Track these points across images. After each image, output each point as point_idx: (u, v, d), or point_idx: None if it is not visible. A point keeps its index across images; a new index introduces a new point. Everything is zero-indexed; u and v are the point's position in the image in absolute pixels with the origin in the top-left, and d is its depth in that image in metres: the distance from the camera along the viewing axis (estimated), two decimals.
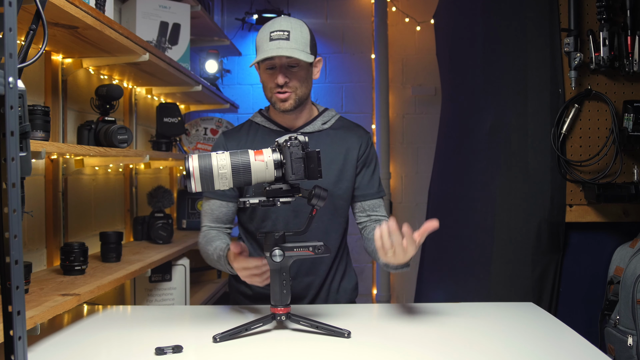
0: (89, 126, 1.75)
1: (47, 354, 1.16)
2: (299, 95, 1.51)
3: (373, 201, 1.60)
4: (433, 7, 3.24)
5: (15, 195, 0.79)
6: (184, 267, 2.31)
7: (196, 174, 1.16)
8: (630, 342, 1.76)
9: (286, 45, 1.44)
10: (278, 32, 1.46)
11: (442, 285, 2.73)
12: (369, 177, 1.60)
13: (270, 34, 1.46)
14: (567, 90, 2.02)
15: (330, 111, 1.66)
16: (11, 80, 0.79)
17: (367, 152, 1.61)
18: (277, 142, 1.23)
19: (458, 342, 1.24)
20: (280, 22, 1.49)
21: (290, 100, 1.50)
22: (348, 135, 1.60)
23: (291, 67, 1.48)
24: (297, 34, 1.47)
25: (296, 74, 1.49)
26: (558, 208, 2.03)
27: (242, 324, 1.25)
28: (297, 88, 1.50)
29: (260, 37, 1.49)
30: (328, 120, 1.62)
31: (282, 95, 1.49)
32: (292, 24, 1.48)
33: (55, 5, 1.28)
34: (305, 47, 1.48)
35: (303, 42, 1.47)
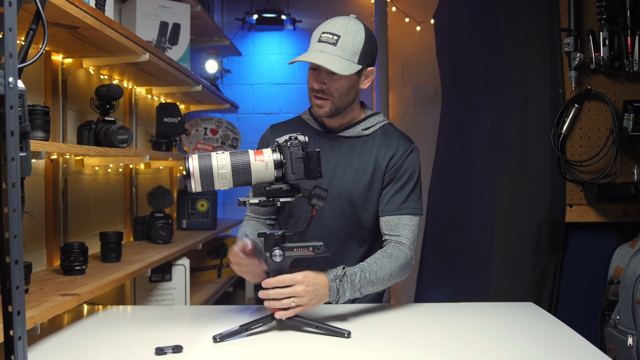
0: (89, 126, 1.75)
1: (47, 354, 1.16)
2: (336, 105, 1.43)
3: (391, 218, 1.47)
4: (433, 7, 3.24)
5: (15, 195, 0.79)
6: (184, 267, 2.31)
7: (196, 174, 1.15)
8: (630, 342, 1.76)
9: (330, 51, 1.37)
10: (327, 35, 1.39)
11: (442, 285, 2.73)
12: (394, 191, 1.48)
13: (321, 34, 1.40)
14: (567, 90, 2.02)
15: (377, 117, 1.56)
16: (11, 80, 0.79)
17: (398, 164, 1.49)
18: (277, 142, 1.23)
19: (458, 342, 1.24)
20: (336, 23, 1.41)
21: (325, 108, 1.44)
22: (384, 144, 1.50)
23: (332, 74, 1.40)
24: (347, 40, 1.39)
25: (336, 82, 1.41)
26: (558, 208, 2.03)
27: (242, 324, 1.25)
28: (334, 97, 1.42)
29: (313, 35, 1.43)
30: (371, 126, 1.53)
31: (319, 101, 1.44)
32: (347, 27, 1.40)
33: (55, 5, 1.28)
34: (353, 56, 1.39)
35: (352, 50, 1.39)
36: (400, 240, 1.45)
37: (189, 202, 2.75)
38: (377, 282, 1.37)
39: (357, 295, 1.35)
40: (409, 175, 1.49)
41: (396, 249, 1.43)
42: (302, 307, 1.26)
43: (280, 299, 1.24)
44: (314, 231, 1.49)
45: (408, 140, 1.54)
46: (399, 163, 1.49)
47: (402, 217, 1.47)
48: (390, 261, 1.40)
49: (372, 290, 1.37)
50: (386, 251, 1.43)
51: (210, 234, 2.64)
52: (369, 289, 1.36)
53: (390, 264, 1.39)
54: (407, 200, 1.48)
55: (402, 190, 1.48)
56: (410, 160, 1.50)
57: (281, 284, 1.24)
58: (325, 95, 1.43)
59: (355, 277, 1.33)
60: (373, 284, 1.36)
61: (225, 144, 3.01)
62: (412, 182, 1.50)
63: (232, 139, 3.04)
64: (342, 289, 1.31)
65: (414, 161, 1.51)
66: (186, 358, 1.12)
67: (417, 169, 1.51)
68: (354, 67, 1.39)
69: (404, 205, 1.47)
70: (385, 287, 1.41)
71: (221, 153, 1.19)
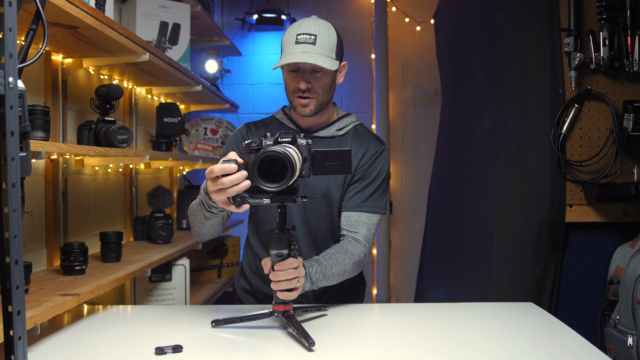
0: (89, 126, 1.75)
1: (47, 354, 1.16)
2: (320, 102, 1.48)
3: (351, 214, 1.51)
4: (433, 7, 3.24)
5: (15, 195, 0.79)
6: (184, 267, 2.31)
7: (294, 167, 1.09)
8: (630, 342, 1.76)
9: (311, 50, 1.40)
10: (304, 36, 1.42)
11: (442, 285, 2.73)
12: (358, 189, 1.52)
13: (296, 37, 1.42)
14: (567, 90, 2.02)
15: (349, 117, 1.60)
16: (11, 80, 0.79)
17: (367, 164, 1.53)
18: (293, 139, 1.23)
19: (458, 342, 1.24)
20: (308, 24, 1.44)
21: (310, 106, 1.47)
22: (355, 144, 1.54)
23: (315, 73, 1.44)
24: (323, 38, 1.42)
25: (320, 79, 1.45)
26: (558, 208, 2.03)
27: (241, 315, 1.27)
28: (319, 94, 1.47)
29: (286, 38, 1.45)
30: (344, 126, 1.57)
31: (304, 100, 1.46)
32: (319, 27, 1.44)
33: (55, 5, 1.28)
34: (331, 53, 1.44)
35: (329, 47, 1.43)
36: (357, 237, 1.49)
37: (189, 202, 2.75)
38: (332, 277, 1.40)
39: (313, 288, 1.37)
40: (376, 175, 1.53)
41: (351, 246, 1.47)
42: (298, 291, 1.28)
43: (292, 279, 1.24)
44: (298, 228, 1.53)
45: (379, 142, 1.58)
46: (368, 163, 1.53)
47: (362, 215, 1.50)
48: (345, 257, 1.43)
49: (326, 284, 1.40)
50: (342, 247, 1.46)
51: None
52: (323, 283, 1.39)
53: (345, 260, 1.43)
54: (370, 198, 1.51)
55: (367, 188, 1.51)
56: (379, 161, 1.54)
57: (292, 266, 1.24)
58: (311, 94, 1.46)
59: (312, 270, 1.35)
60: (328, 278, 1.39)
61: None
62: (378, 181, 1.53)
63: None
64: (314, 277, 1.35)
65: (383, 162, 1.55)
66: (186, 358, 1.12)
67: (385, 170, 1.55)
68: (335, 63, 1.44)
69: (365, 203, 1.51)
70: (338, 282, 1.43)
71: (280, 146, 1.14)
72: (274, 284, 1.24)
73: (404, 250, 3.80)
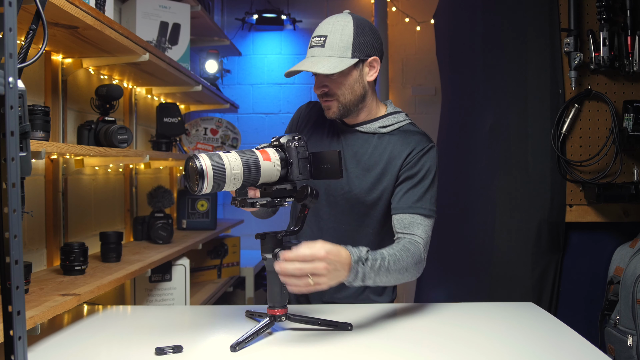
0: (89, 126, 1.75)
1: (47, 354, 1.16)
2: (343, 103, 1.43)
3: (404, 216, 1.42)
4: (433, 7, 3.24)
5: (15, 195, 0.79)
6: (184, 267, 2.31)
7: (209, 173, 1.08)
8: (630, 342, 1.76)
9: (319, 54, 1.38)
10: (316, 39, 1.40)
11: (442, 285, 2.73)
12: (407, 188, 1.43)
13: (312, 40, 1.42)
14: (567, 90, 2.02)
15: (398, 115, 1.52)
16: (11, 80, 0.79)
17: (413, 161, 1.44)
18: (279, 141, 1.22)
19: (458, 342, 1.24)
20: (324, 24, 1.42)
21: (333, 109, 1.43)
22: (401, 142, 1.46)
23: (330, 75, 1.40)
24: (334, 38, 1.39)
25: (335, 81, 1.41)
26: (558, 208, 2.03)
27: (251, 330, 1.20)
28: (338, 95, 1.42)
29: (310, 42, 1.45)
30: (390, 124, 1.49)
31: (325, 103, 1.44)
32: (333, 26, 1.40)
33: (55, 5, 1.28)
34: (344, 52, 1.38)
35: (341, 47, 1.38)
36: (415, 239, 1.40)
37: (189, 202, 2.75)
38: (394, 272, 1.30)
39: (371, 283, 1.27)
40: (424, 173, 1.44)
41: (412, 245, 1.38)
42: (319, 286, 1.14)
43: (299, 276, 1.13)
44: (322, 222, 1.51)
45: (427, 139, 1.49)
46: (414, 160, 1.44)
47: (416, 217, 1.42)
48: (407, 255, 1.34)
49: (386, 280, 1.30)
50: (404, 245, 1.37)
51: (210, 234, 2.64)
52: (383, 279, 1.29)
53: (407, 258, 1.33)
54: (422, 199, 1.43)
55: (416, 188, 1.43)
56: (426, 158, 1.45)
57: (301, 259, 1.13)
58: (329, 97, 1.43)
59: (376, 263, 1.25)
60: (389, 273, 1.29)
61: (225, 144, 3.01)
62: (427, 180, 1.44)
63: (232, 139, 3.04)
64: (363, 273, 1.23)
65: (431, 160, 1.46)
66: (186, 358, 1.12)
67: (433, 168, 1.46)
68: (345, 63, 1.38)
69: (418, 204, 1.42)
70: (398, 281, 1.35)
71: (228, 153, 1.14)
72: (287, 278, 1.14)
73: None
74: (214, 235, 2.72)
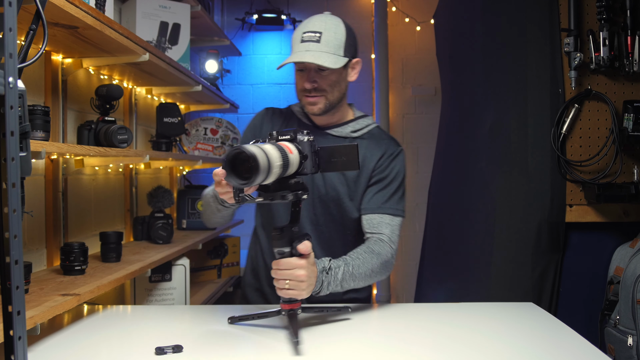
0: (89, 126, 1.75)
1: (47, 354, 1.16)
2: (329, 100, 1.46)
3: (373, 216, 1.48)
4: (433, 7, 3.24)
5: (15, 195, 0.79)
6: (184, 267, 2.31)
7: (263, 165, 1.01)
8: (630, 342, 1.76)
9: (315, 49, 1.40)
10: (309, 34, 1.41)
11: (442, 285, 2.73)
12: (376, 190, 1.49)
13: (302, 35, 1.42)
14: (567, 90, 2.02)
15: (366, 119, 1.58)
16: (11, 80, 0.79)
17: (384, 165, 1.50)
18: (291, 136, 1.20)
19: (458, 342, 1.24)
20: (315, 21, 1.44)
21: (319, 105, 1.46)
22: (372, 147, 1.52)
23: (321, 71, 1.43)
24: (329, 36, 1.41)
25: (326, 77, 1.44)
26: (558, 208, 2.03)
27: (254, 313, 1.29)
28: (327, 92, 1.45)
29: (294, 36, 1.45)
30: (360, 129, 1.55)
31: (311, 99, 1.45)
32: (327, 23, 1.43)
33: (55, 5, 1.28)
34: (338, 50, 1.42)
35: (335, 45, 1.42)
36: (382, 237, 1.45)
37: (189, 202, 2.75)
38: (359, 277, 1.37)
39: (338, 290, 1.34)
40: (394, 176, 1.51)
41: (377, 246, 1.43)
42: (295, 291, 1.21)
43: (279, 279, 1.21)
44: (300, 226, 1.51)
45: (396, 143, 1.56)
46: (385, 164, 1.50)
47: (384, 216, 1.48)
48: (372, 257, 1.40)
49: (353, 285, 1.37)
50: (368, 247, 1.43)
51: (210, 234, 2.64)
52: (350, 284, 1.36)
53: (372, 260, 1.39)
54: (390, 200, 1.49)
55: (385, 190, 1.49)
56: (396, 162, 1.52)
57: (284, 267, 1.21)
58: (317, 93, 1.45)
59: (339, 271, 1.33)
60: (355, 278, 1.36)
61: (225, 144, 3.01)
62: (396, 183, 1.51)
63: (232, 139, 3.04)
64: (327, 282, 1.30)
65: (400, 164, 1.53)
66: (186, 358, 1.12)
67: (402, 171, 1.53)
68: (341, 60, 1.42)
69: (386, 205, 1.48)
70: (366, 283, 1.41)
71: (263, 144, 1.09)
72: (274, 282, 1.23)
73: (404, 250, 3.80)
74: (214, 235, 2.72)
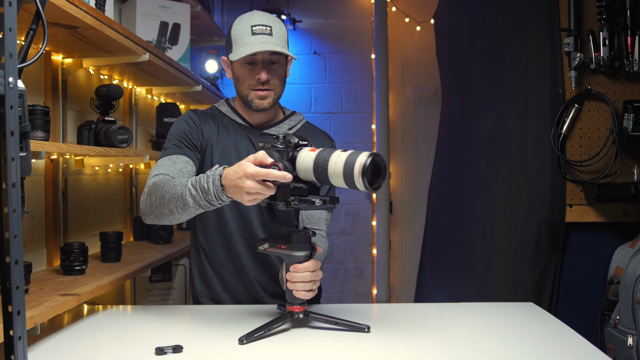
0: (89, 126, 1.75)
1: (47, 354, 1.16)
2: (277, 94, 1.48)
3: (312, 212, 1.53)
4: (433, 7, 3.24)
5: (15, 195, 0.79)
6: (184, 267, 2.31)
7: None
8: (630, 342, 1.76)
9: (270, 41, 1.40)
10: (261, 27, 1.40)
11: (442, 285, 2.72)
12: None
13: (252, 28, 1.40)
14: (567, 90, 2.02)
15: (297, 115, 1.60)
16: (11, 80, 0.79)
17: None
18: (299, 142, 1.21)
19: (458, 342, 1.24)
20: (260, 16, 1.43)
21: (269, 99, 1.46)
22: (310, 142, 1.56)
23: (272, 64, 1.44)
24: (278, 30, 1.43)
25: (276, 71, 1.45)
26: (558, 208, 2.03)
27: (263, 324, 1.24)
28: (276, 86, 1.46)
29: (238, 31, 1.42)
30: (295, 125, 1.57)
31: (263, 92, 1.44)
32: (271, 19, 1.44)
33: (55, 5, 1.28)
34: (285, 44, 1.45)
35: (283, 39, 1.44)
36: (322, 234, 1.51)
37: None
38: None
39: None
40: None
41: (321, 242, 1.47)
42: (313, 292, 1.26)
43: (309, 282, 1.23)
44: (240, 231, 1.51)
45: (329, 137, 1.60)
46: None
47: (323, 212, 1.53)
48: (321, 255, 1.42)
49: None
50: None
51: None
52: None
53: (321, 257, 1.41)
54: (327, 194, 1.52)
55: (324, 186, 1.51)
56: None
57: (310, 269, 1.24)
58: (269, 86, 1.45)
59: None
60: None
61: None
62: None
63: None
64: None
65: None
66: (186, 358, 1.12)
67: None
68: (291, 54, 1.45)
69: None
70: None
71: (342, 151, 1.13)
72: (290, 284, 1.24)
73: (404, 250, 3.80)
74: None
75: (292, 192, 1.18)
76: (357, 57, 3.79)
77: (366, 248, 3.77)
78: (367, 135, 3.77)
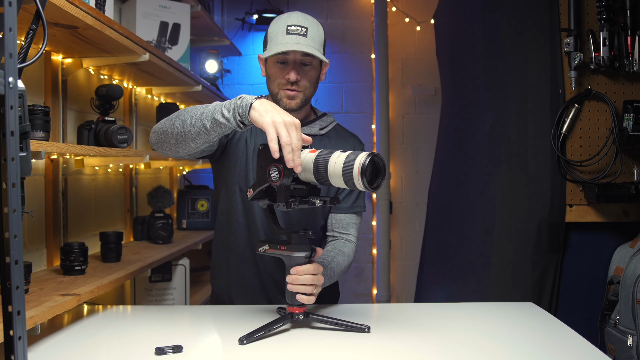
0: (89, 126, 1.75)
1: (47, 354, 1.16)
2: (306, 96, 1.47)
3: (342, 216, 1.53)
4: (433, 7, 3.24)
5: (15, 195, 0.79)
6: (184, 267, 2.31)
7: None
8: (630, 342, 1.76)
9: (304, 42, 1.39)
10: (296, 27, 1.41)
11: (442, 285, 2.72)
12: (348, 191, 1.51)
13: (287, 27, 1.41)
14: (567, 90, 2.02)
15: (328, 117, 1.61)
16: (11, 80, 0.79)
17: None
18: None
19: (458, 342, 1.24)
20: (297, 17, 1.44)
21: (297, 100, 1.46)
22: (340, 144, 1.54)
23: (304, 66, 1.43)
24: (314, 32, 1.42)
25: (307, 73, 1.45)
26: (558, 208, 2.03)
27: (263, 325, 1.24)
28: (306, 88, 1.46)
29: (274, 30, 1.43)
30: (326, 126, 1.57)
31: (291, 92, 1.45)
32: (309, 21, 1.44)
33: (55, 5, 1.28)
34: (320, 47, 1.44)
35: (318, 41, 1.43)
36: (350, 238, 1.51)
37: (189, 202, 2.75)
38: (334, 277, 1.42)
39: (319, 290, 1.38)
40: None
41: (346, 247, 1.49)
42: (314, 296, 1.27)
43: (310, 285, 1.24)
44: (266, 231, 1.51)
45: (359, 141, 1.61)
46: None
47: (352, 216, 1.53)
48: (344, 259, 1.46)
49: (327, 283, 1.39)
50: (340, 249, 1.47)
51: (210, 234, 2.65)
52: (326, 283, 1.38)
53: (344, 262, 1.45)
54: (358, 199, 1.53)
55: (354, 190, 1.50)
56: None
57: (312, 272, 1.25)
58: (298, 87, 1.45)
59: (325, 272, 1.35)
60: (331, 279, 1.40)
61: None
62: None
63: None
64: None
65: None
66: (186, 358, 1.12)
67: None
68: (324, 57, 1.44)
69: (355, 204, 1.53)
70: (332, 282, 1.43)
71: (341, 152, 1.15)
72: (290, 286, 1.24)
73: (404, 250, 3.80)
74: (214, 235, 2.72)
75: (293, 193, 1.18)
76: (357, 57, 3.79)
77: (366, 248, 3.77)
78: (367, 135, 3.77)
